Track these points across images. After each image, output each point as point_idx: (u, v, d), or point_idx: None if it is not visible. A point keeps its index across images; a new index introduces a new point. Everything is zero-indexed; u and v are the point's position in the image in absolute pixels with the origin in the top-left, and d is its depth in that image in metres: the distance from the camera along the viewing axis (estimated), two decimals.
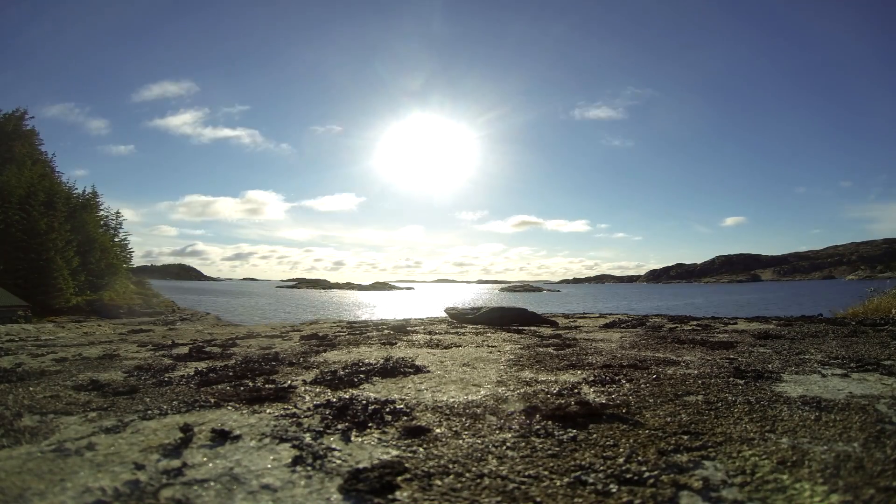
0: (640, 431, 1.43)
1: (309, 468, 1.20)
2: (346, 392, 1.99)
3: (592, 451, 1.28)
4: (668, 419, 1.55)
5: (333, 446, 1.34)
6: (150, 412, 1.69)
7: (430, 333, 4.23)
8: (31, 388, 2.13)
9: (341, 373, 2.35)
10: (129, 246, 46.35)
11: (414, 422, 1.55)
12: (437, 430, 1.47)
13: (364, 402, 1.75)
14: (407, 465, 1.20)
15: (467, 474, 1.15)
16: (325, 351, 3.23)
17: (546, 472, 1.16)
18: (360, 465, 1.20)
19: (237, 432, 1.45)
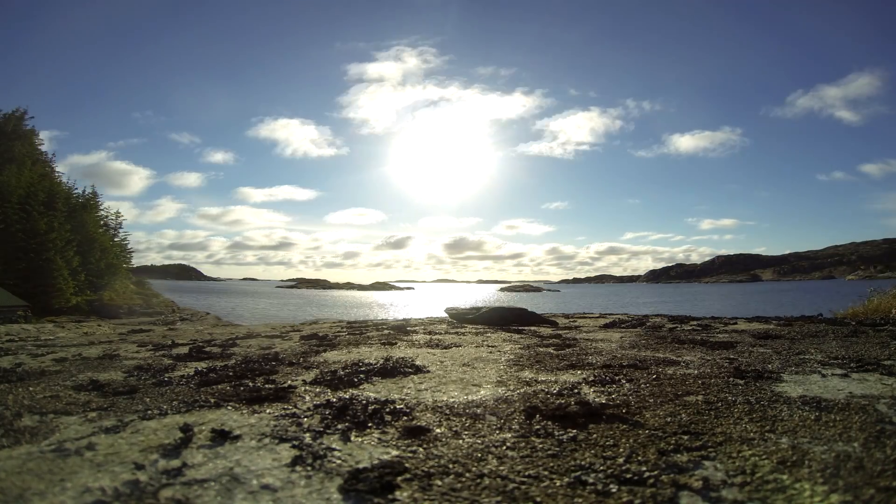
0: (640, 431, 1.43)
1: (309, 468, 1.20)
2: (346, 392, 1.99)
3: (592, 451, 1.28)
4: (668, 419, 1.55)
5: (333, 446, 1.34)
6: (150, 412, 1.69)
7: (430, 333, 4.23)
8: (31, 388, 2.13)
9: (341, 373, 2.35)
10: (129, 246, 46.42)
11: (414, 422, 1.55)
12: (437, 430, 1.47)
13: (364, 402, 1.75)
14: (407, 465, 1.20)
15: (467, 474, 1.15)
16: (325, 351, 3.23)
17: (546, 472, 1.16)
18: (360, 465, 1.20)
19: (237, 432, 1.45)
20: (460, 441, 1.38)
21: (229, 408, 1.74)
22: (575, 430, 1.44)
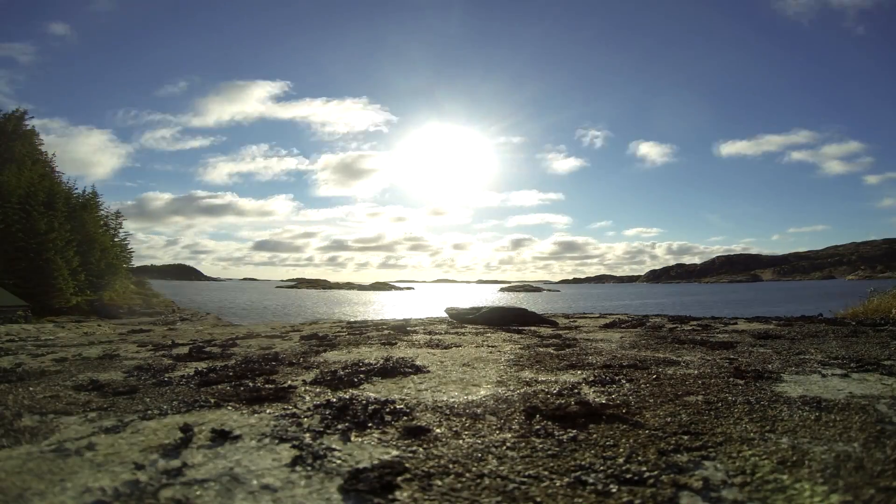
0: (640, 431, 1.43)
1: (309, 468, 1.20)
2: (346, 392, 1.99)
3: (592, 451, 1.28)
4: (668, 419, 1.55)
5: (333, 446, 1.34)
6: (150, 412, 1.69)
7: (430, 333, 4.23)
8: (31, 388, 2.13)
9: (341, 373, 2.35)
10: (129, 245, 46.38)
11: (414, 422, 1.55)
12: (437, 431, 1.47)
13: (364, 402, 1.75)
14: (407, 465, 1.20)
15: (467, 474, 1.15)
16: (325, 351, 3.23)
17: (546, 472, 1.15)
18: (360, 465, 1.20)
19: (237, 432, 1.45)
20: (460, 441, 1.38)
21: (229, 408, 1.74)
22: (575, 430, 1.44)
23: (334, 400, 1.81)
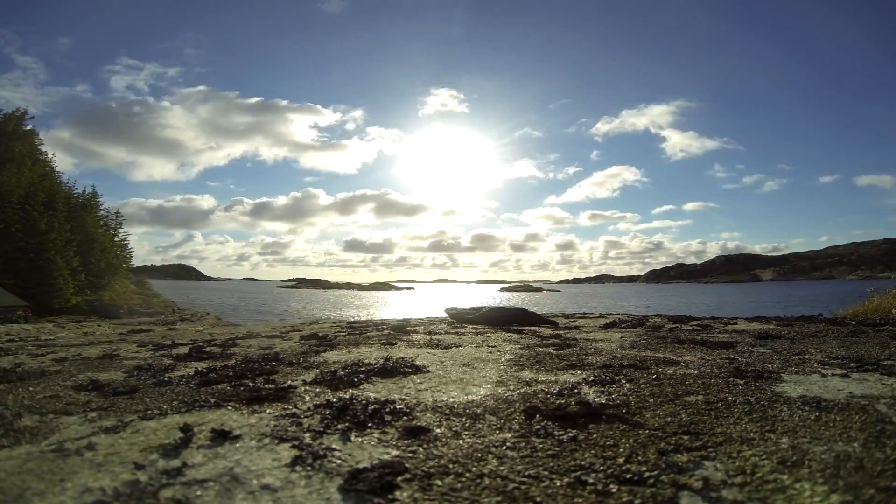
0: (640, 431, 1.43)
1: (309, 468, 1.20)
2: (346, 392, 1.99)
3: (592, 451, 1.28)
4: (668, 419, 1.55)
5: (333, 446, 1.34)
6: (150, 412, 1.69)
7: (430, 333, 4.22)
8: (31, 388, 2.13)
9: (341, 373, 2.35)
10: (129, 246, 46.44)
11: (414, 422, 1.55)
12: (437, 431, 1.47)
13: (364, 402, 1.75)
14: (407, 465, 1.20)
15: (467, 474, 1.15)
16: (325, 351, 3.23)
17: (546, 472, 1.15)
18: (360, 465, 1.20)
19: (237, 432, 1.45)
20: (460, 441, 1.38)
21: (229, 408, 1.74)
22: (575, 430, 1.44)
23: (334, 400, 1.81)
